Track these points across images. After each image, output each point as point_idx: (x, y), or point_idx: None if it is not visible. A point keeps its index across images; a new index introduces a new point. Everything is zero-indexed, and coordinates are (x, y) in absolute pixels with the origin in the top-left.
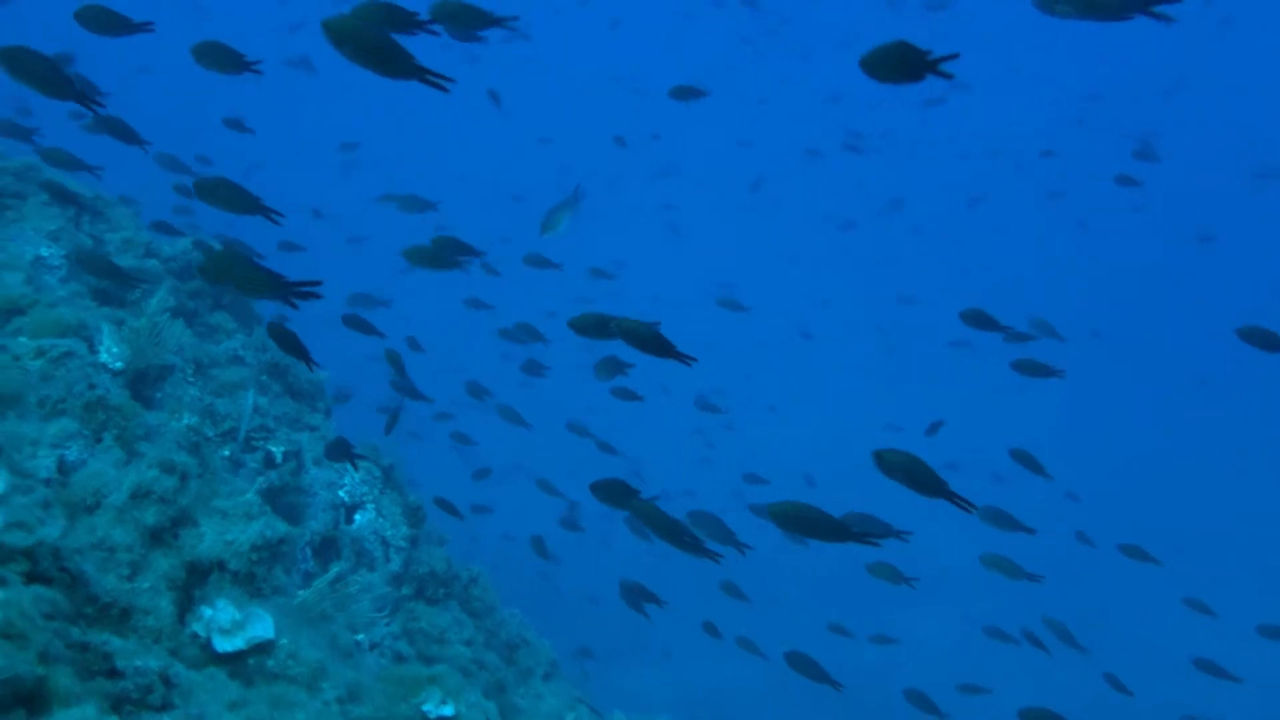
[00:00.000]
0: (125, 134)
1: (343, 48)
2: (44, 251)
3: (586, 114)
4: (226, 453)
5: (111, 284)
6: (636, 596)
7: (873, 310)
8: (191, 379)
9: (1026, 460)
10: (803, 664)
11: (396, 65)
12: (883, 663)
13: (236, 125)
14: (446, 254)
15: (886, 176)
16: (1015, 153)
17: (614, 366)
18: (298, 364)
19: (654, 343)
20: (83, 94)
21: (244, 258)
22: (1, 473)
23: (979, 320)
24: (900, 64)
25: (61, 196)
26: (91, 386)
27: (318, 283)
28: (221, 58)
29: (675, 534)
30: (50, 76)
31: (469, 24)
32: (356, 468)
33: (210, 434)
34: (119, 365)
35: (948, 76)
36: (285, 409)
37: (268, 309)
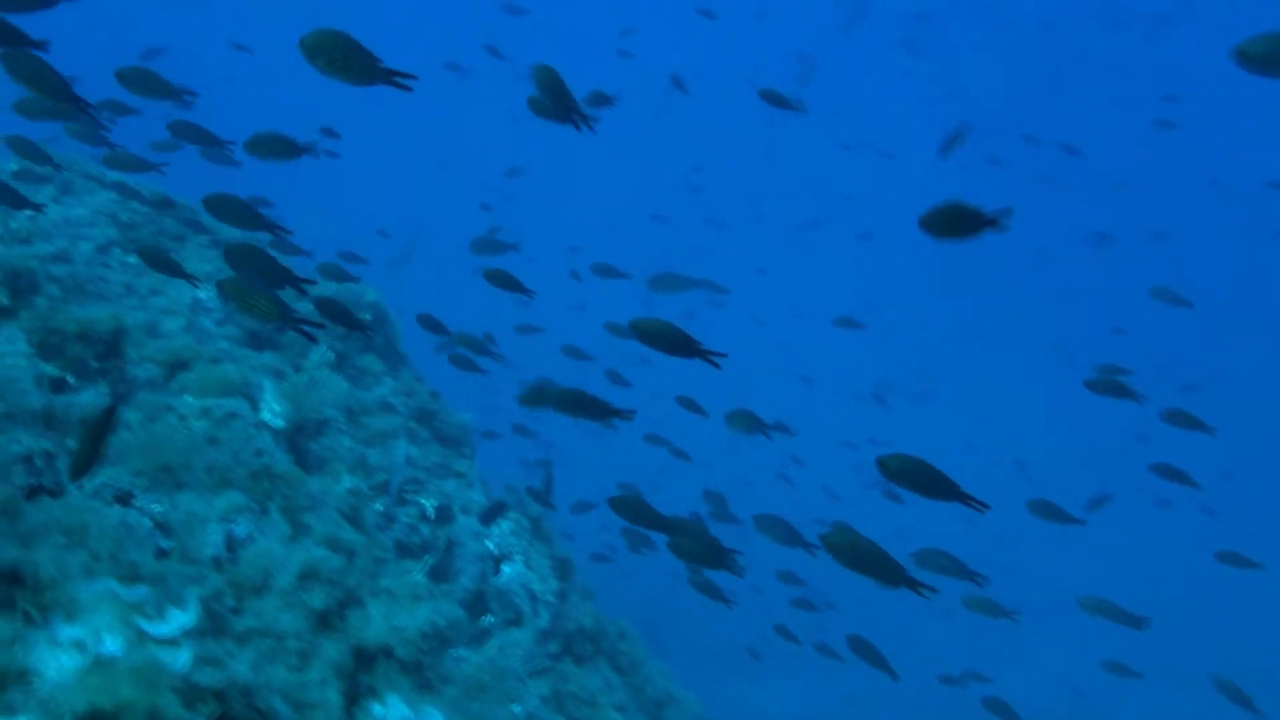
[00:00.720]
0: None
1: (315, 61)
2: (202, 295)
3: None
4: (379, 507)
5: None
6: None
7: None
8: (344, 427)
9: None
10: (864, 649)
11: (366, 72)
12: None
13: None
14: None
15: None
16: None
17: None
18: (445, 409)
19: (678, 342)
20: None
21: (257, 286)
22: (191, 603)
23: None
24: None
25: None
26: (258, 454)
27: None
28: (153, 86)
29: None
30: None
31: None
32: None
33: (364, 488)
34: (280, 424)
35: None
36: (434, 457)
37: (414, 349)
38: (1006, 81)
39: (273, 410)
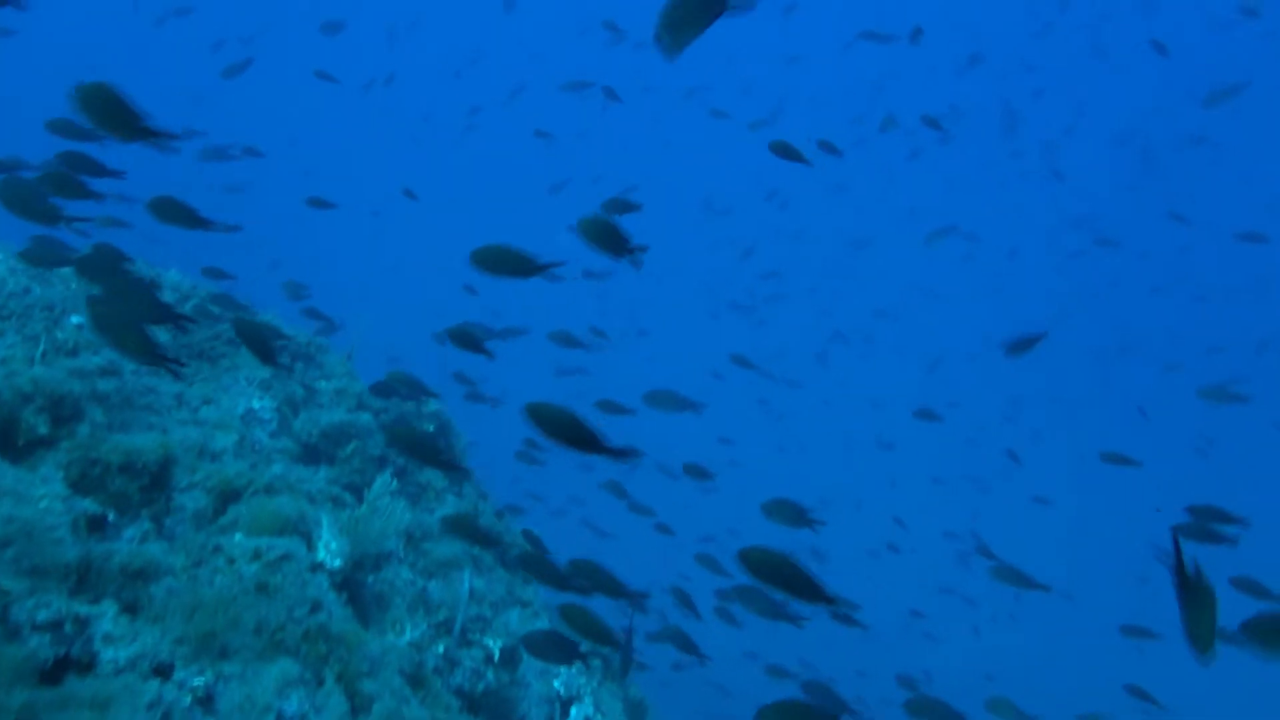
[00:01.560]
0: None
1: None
2: (255, 404)
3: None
4: (441, 649)
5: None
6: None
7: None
8: (403, 554)
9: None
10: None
11: (127, 127)
12: None
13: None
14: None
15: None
16: None
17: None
18: (510, 529)
19: (518, 265)
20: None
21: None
22: None
23: None
24: None
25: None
26: (314, 608)
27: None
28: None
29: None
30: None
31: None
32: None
33: (426, 628)
34: (337, 563)
35: None
36: (499, 587)
37: (476, 462)
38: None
39: (329, 549)
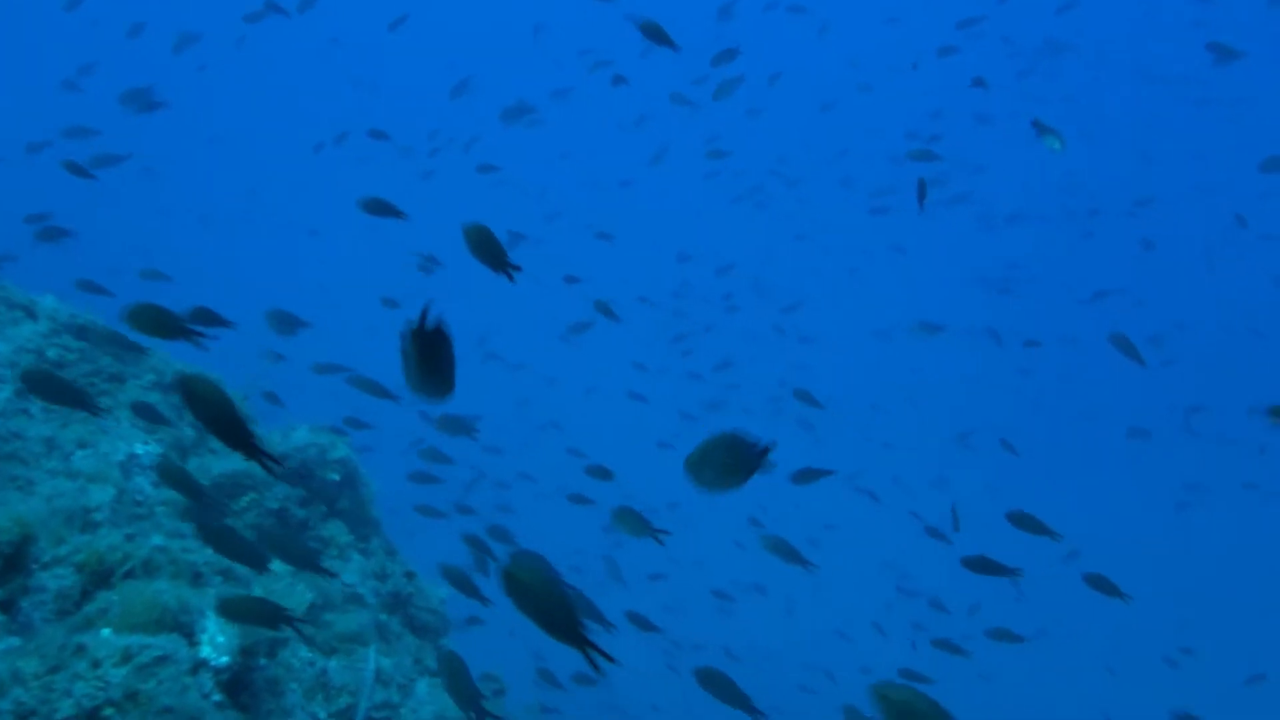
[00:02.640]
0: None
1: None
2: (139, 449)
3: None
4: None
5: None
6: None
7: None
8: (304, 627)
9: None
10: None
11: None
12: None
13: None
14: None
15: None
16: None
17: None
18: (421, 590)
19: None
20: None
21: None
22: None
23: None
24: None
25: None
26: None
27: None
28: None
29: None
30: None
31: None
32: None
33: (323, 716)
34: (224, 660)
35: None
36: (407, 660)
37: (385, 511)
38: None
39: (215, 643)
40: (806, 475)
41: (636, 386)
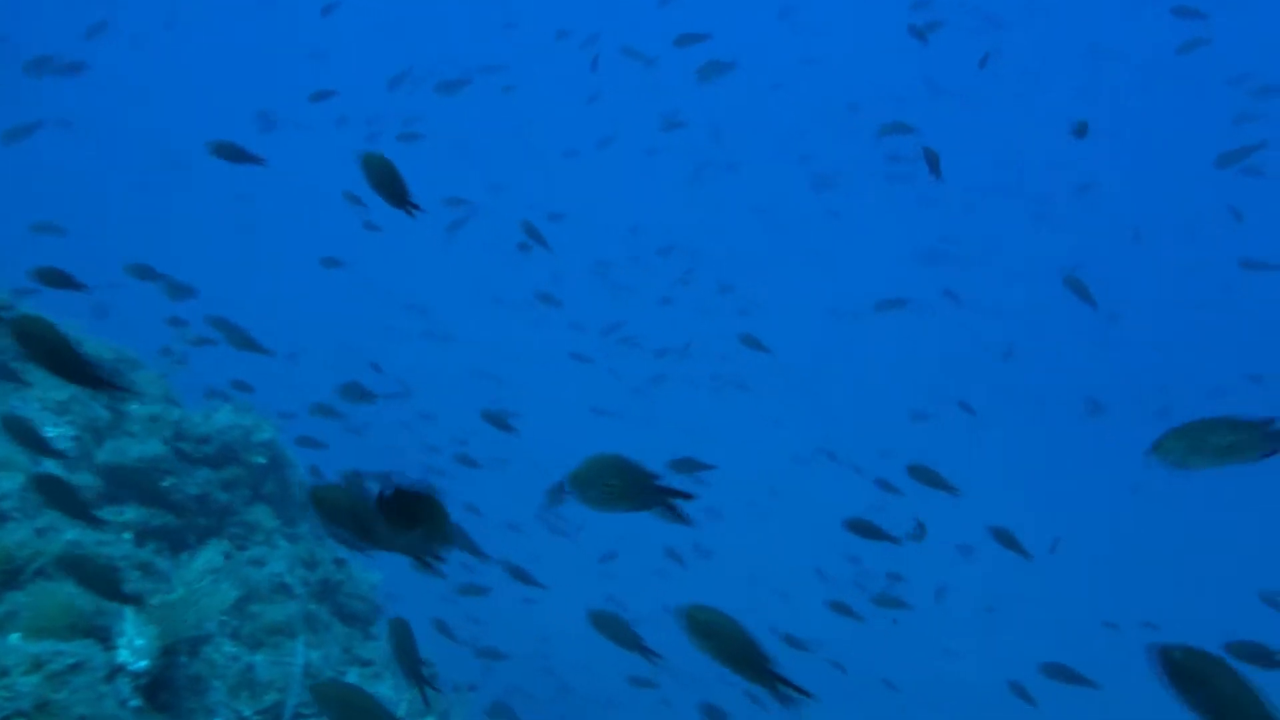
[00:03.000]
0: None
1: None
2: (50, 431)
3: None
4: None
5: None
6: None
7: None
8: (227, 620)
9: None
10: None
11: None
12: None
13: None
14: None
15: None
16: None
17: None
18: (351, 578)
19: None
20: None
21: None
22: None
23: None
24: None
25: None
26: None
27: None
28: None
29: None
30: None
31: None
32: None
33: (249, 713)
34: (143, 664)
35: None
36: (336, 650)
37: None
38: None
39: (133, 647)
40: (685, 465)
41: (579, 352)
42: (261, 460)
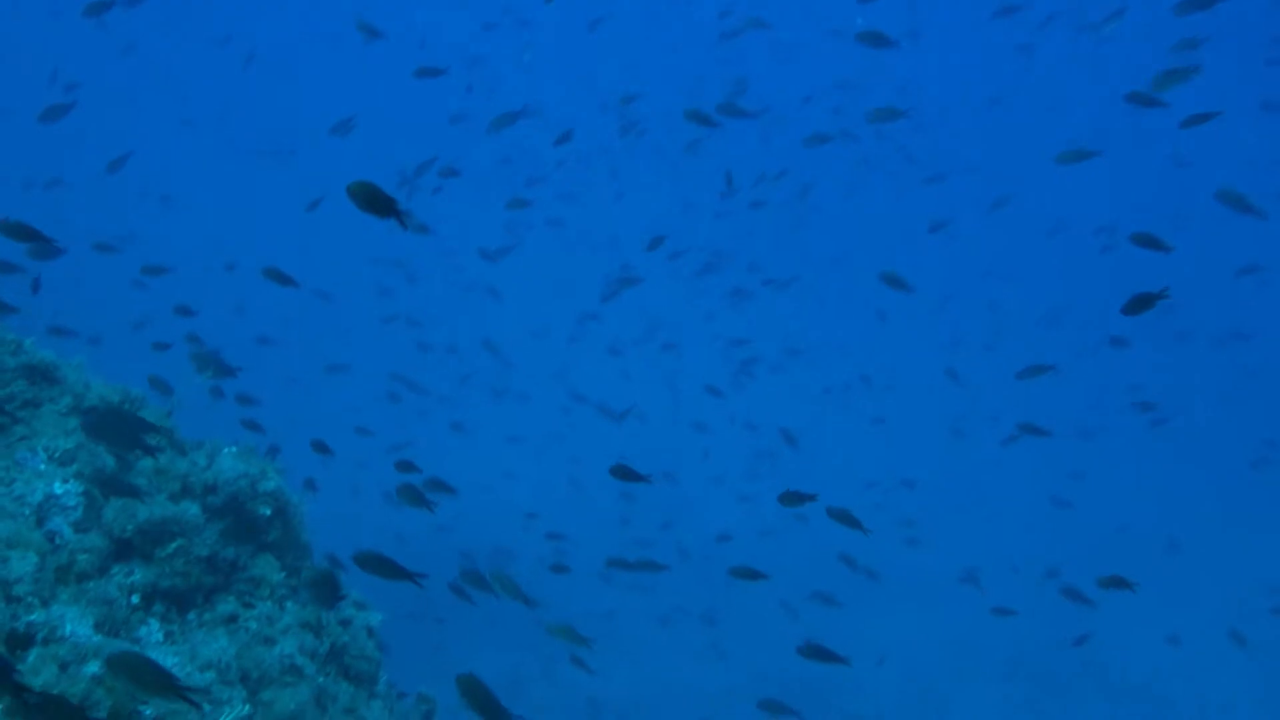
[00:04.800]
0: None
1: None
2: (57, 488)
3: None
4: None
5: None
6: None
7: None
8: (239, 706)
9: None
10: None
11: None
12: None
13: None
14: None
15: None
16: None
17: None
18: (356, 638)
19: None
20: None
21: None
22: None
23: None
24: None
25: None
26: None
27: None
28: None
29: None
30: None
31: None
32: None
33: None
34: None
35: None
36: (336, 714)
37: (317, 542)
38: None
39: None
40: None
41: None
42: (267, 511)
